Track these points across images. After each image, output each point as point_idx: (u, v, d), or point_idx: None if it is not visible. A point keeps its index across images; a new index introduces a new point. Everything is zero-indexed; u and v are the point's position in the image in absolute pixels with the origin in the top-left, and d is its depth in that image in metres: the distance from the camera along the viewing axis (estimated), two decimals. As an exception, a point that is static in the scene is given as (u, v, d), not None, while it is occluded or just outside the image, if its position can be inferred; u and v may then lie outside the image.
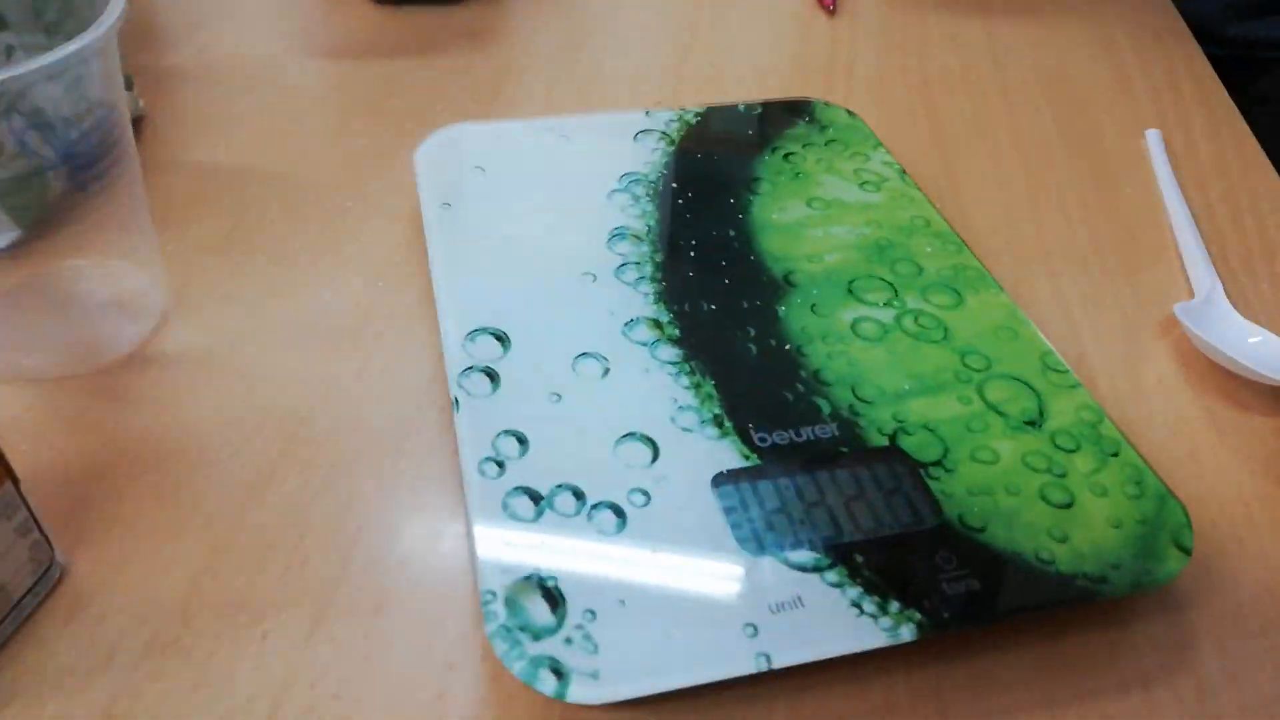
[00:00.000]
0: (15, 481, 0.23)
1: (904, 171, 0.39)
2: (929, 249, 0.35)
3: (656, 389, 0.30)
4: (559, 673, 0.23)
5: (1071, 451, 0.28)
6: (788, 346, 0.31)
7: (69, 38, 0.32)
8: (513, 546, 0.25)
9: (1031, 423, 0.29)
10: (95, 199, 0.31)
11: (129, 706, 0.23)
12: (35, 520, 0.24)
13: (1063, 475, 0.28)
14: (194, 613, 0.25)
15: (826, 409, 0.29)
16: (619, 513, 0.26)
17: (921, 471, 0.28)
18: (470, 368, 0.30)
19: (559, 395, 0.29)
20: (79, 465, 0.29)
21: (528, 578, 0.24)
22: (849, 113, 0.42)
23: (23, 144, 0.29)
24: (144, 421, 0.30)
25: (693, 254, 0.35)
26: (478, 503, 0.26)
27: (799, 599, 0.25)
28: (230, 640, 0.25)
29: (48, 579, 0.25)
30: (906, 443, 0.28)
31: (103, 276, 0.34)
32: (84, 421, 0.30)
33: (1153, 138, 0.45)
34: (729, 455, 0.28)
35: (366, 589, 0.26)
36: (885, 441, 0.28)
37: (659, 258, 0.34)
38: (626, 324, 0.32)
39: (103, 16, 0.28)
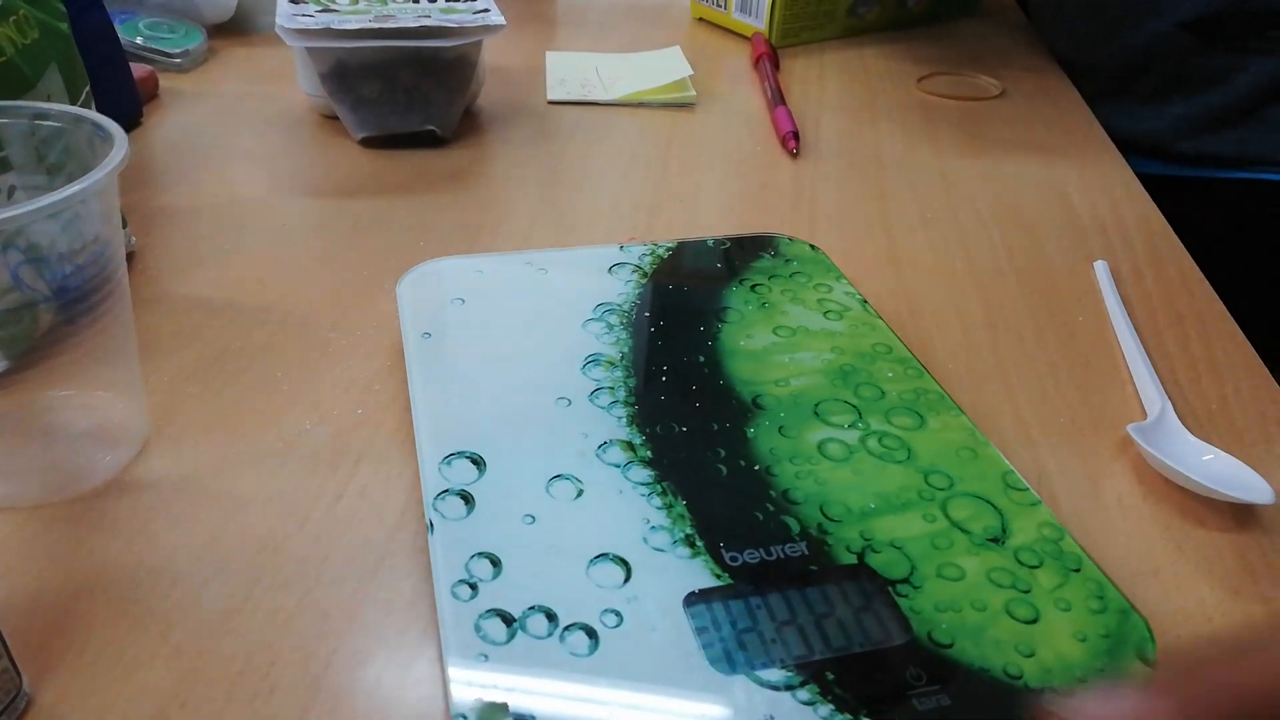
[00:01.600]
0: (-12, 608, 0.24)
1: (865, 301, 0.41)
2: (890, 374, 0.37)
3: (629, 510, 0.30)
4: (530, 798, 0.22)
5: (1035, 568, 0.29)
6: (757, 467, 0.32)
7: (70, 178, 0.33)
8: (485, 672, 0.25)
9: (995, 540, 0.30)
10: (84, 332, 0.32)
11: (88, 843, 0.23)
12: (5, 648, 0.24)
13: (1027, 591, 0.28)
14: (160, 743, 0.25)
15: (796, 528, 0.30)
16: (591, 634, 0.26)
17: (890, 589, 0.28)
18: (446, 491, 0.31)
19: (533, 517, 0.30)
20: (50, 592, 0.29)
21: (500, 704, 0.24)
22: (812, 246, 0.45)
23: (17, 278, 0.30)
24: (118, 549, 0.30)
25: (664, 379, 0.36)
26: (450, 627, 0.26)
27: (771, 718, 0.25)
28: (196, 771, 0.24)
29: (13, 709, 0.25)
30: (874, 560, 0.29)
31: (85, 407, 0.35)
32: (58, 549, 0.30)
33: (1100, 268, 0.47)
34: (701, 575, 0.28)
35: (337, 717, 0.26)
36: (854, 559, 0.29)
37: (632, 383, 0.36)
38: (600, 446, 0.33)
39: (106, 159, 0.29)
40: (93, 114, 0.32)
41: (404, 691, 0.27)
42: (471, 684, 0.25)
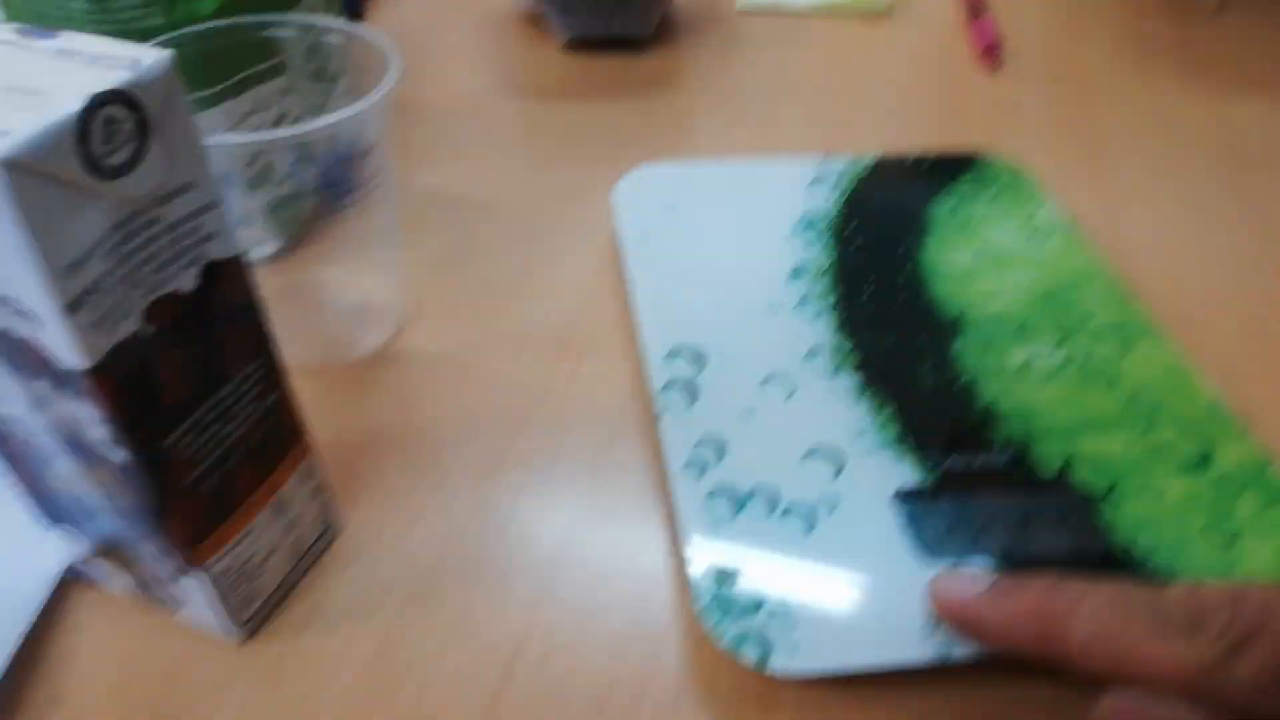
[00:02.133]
0: (312, 451, 0.28)
1: (1070, 222, 0.41)
2: (1096, 297, 0.37)
3: (838, 412, 0.33)
4: (761, 647, 0.26)
5: (1237, 494, 0.30)
6: (962, 379, 0.34)
7: (333, 80, 0.37)
8: (714, 540, 0.29)
9: (1198, 464, 0.31)
10: (351, 219, 0.37)
11: (396, 645, 0.28)
12: (323, 484, 0.29)
13: (1228, 515, 0.29)
14: (444, 571, 0.30)
15: (1000, 438, 0.32)
16: (808, 519, 0.30)
17: (1090, 503, 0.30)
18: (671, 382, 0.34)
19: (751, 411, 0.33)
20: (341, 442, 0.34)
21: (729, 569, 0.28)
22: (1014, 166, 0.45)
23: (292, 171, 0.35)
24: (392, 411, 0.35)
25: (868, 292, 0.38)
26: (682, 500, 0.30)
27: (963, 603, 0.27)
28: (475, 596, 0.29)
29: (329, 534, 0.30)
30: (1076, 475, 0.31)
31: (352, 286, 0.39)
32: (344, 406, 0.35)
33: (1322, 200, 0.46)
34: (908, 473, 0.31)
35: (586, 563, 0.30)
36: (1055, 473, 0.31)
37: (837, 294, 0.38)
38: (809, 352, 0.35)
39: (386, 78, 0.33)
40: (362, 29, 0.36)
41: (640, 551, 0.31)
42: (703, 552, 0.28)
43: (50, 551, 0.29)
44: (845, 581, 0.28)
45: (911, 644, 0.26)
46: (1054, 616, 0.24)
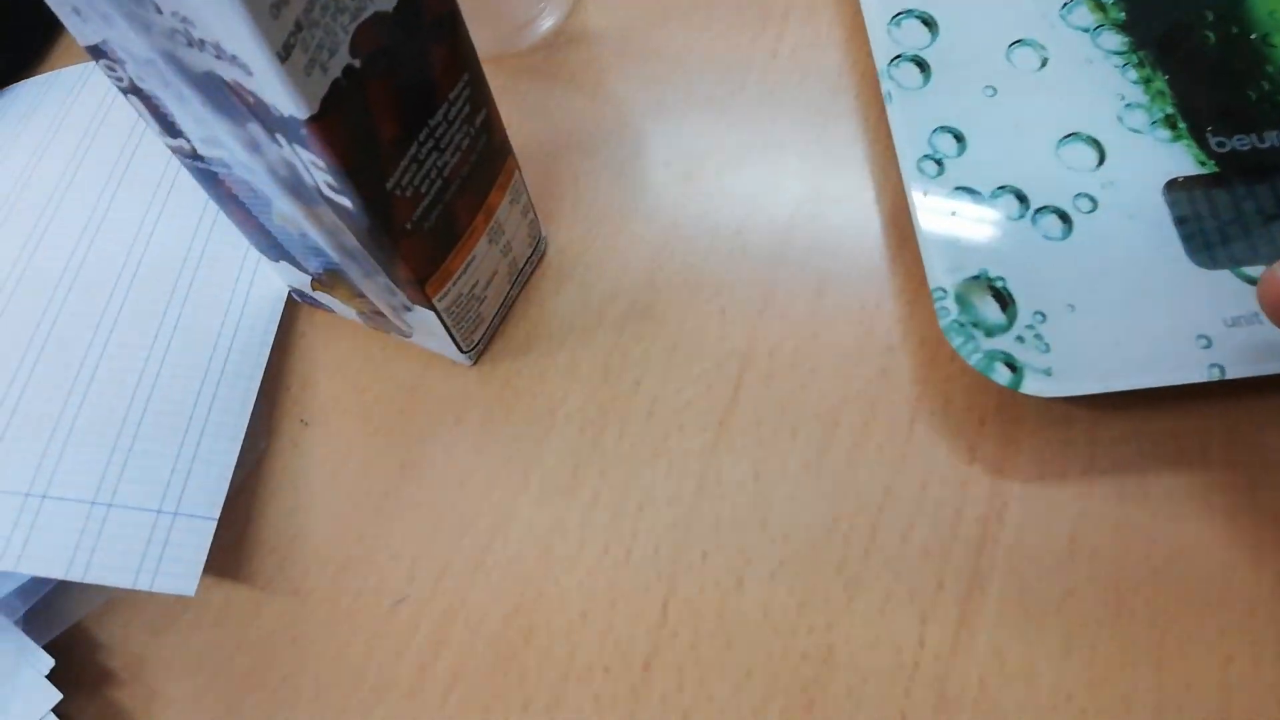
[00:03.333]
0: (518, 167, 0.26)
1: None
2: None
3: (1101, 83, 0.28)
4: (1013, 367, 0.25)
5: None
6: (1253, 36, 0.28)
7: None
8: (959, 246, 0.26)
9: None
10: None
11: (621, 360, 0.28)
12: (530, 201, 0.28)
13: None
14: (659, 286, 0.29)
15: (1297, 112, 0.27)
16: (1064, 218, 0.26)
17: (1406, 187, 0.26)
18: (899, 56, 0.29)
19: (994, 89, 0.29)
20: (535, 148, 0.32)
21: (976, 277, 0.26)
22: None
23: None
24: (581, 103, 0.32)
25: (1135, -81, 0.31)
26: (920, 201, 0.27)
27: (1257, 315, 0.25)
28: (694, 311, 0.28)
29: (539, 251, 0.29)
30: (1391, 154, 0.26)
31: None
32: (530, 105, 0.33)
33: None
34: (1182, 160, 0.27)
35: (806, 272, 0.29)
36: (1367, 152, 0.26)
37: (1097, -75, 0.31)
38: (1064, 6, 0.30)
39: None
40: None
41: (866, 256, 0.29)
42: (948, 258, 0.26)
43: (277, 279, 0.29)
44: (1106, 291, 0.25)
45: (1182, 361, 0.24)
46: None
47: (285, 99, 0.18)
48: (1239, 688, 0.22)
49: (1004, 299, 0.25)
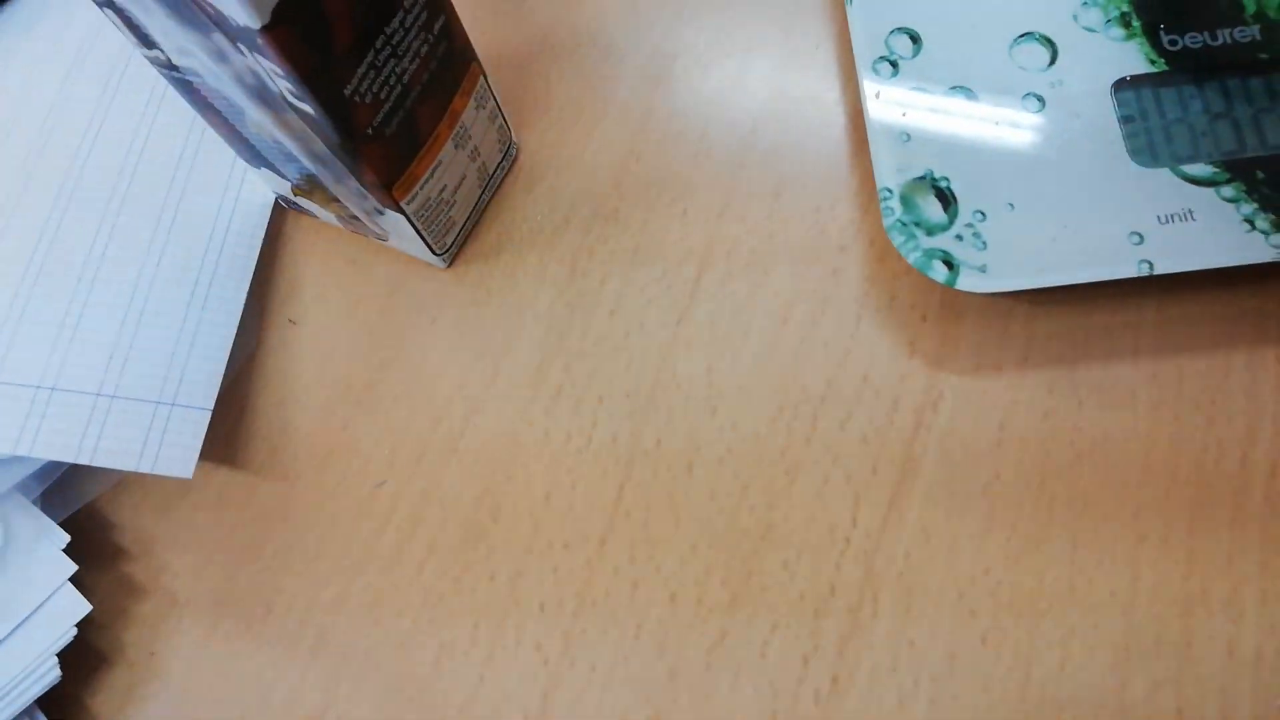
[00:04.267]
0: (484, 74, 0.27)
1: None
2: None
3: (1058, -17, 0.28)
4: (949, 264, 0.26)
5: None
6: (1215, -68, 0.28)
7: None
8: (907, 147, 0.27)
9: None
10: None
11: (587, 261, 0.29)
12: (498, 107, 0.29)
13: None
14: (625, 189, 0.30)
15: (1251, 7, 0.27)
16: (1012, 116, 0.27)
17: (1352, 84, 0.26)
18: (860, -42, 0.30)
19: (952, -11, 0.29)
20: (506, 56, 0.32)
21: (921, 177, 0.27)
22: None
23: None
24: (551, 6, 0.33)
25: None
26: (873, 103, 0.28)
27: (1189, 212, 0.25)
28: (657, 213, 0.29)
29: (509, 156, 0.30)
30: (1341, 51, 0.26)
31: None
32: (500, 13, 0.33)
33: None
34: (1134, 59, 0.27)
35: (766, 174, 0.30)
36: (1316, 49, 0.26)
37: None
38: (1028, -96, 0.30)
39: None
40: None
41: (823, 159, 0.30)
42: (894, 160, 0.27)
43: (263, 186, 0.31)
44: (1046, 190, 0.26)
45: (1114, 257, 0.25)
46: None
47: (238, 9, 0.19)
48: (1148, 563, 0.24)
49: (946, 199, 0.26)
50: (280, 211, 0.32)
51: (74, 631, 0.27)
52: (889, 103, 0.28)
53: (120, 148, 0.31)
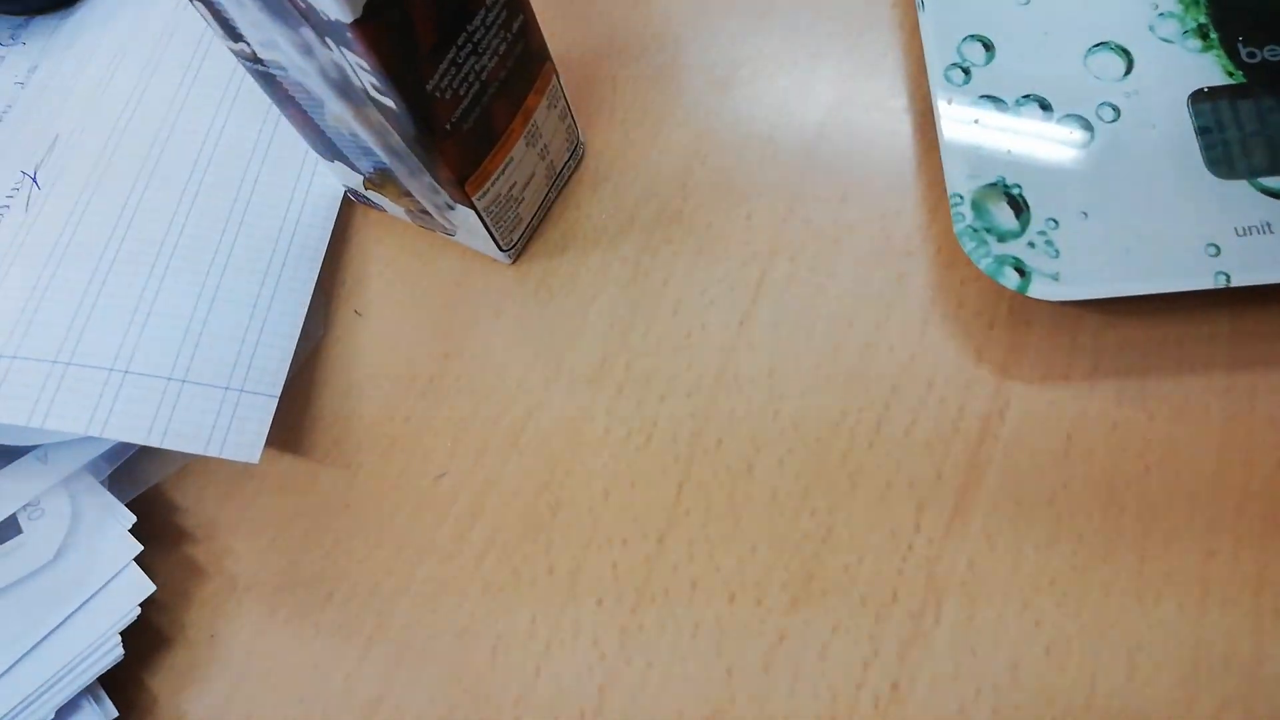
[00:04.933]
0: (556, 73, 0.28)
1: None
2: None
3: (1134, -7, 0.28)
4: (1021, 271, 0.25)
5: None
6: (1298, -56, 0.28)
7: None
8: (980, 153, 0.27)
9: None
10: None
11: (650, 261, 0.29)
12: (568, 106, 0.29)
13: None
14: (690, 190, 0.30)
15: (1334, 22, 0.27)
16: (1086, 126, 0.27)
17: None
18: (933, -35, 0.30)
19: (1026, -2, 0.29)
20: (575, 55, 0.33)
21: (993, 184, 0.27)
22: None
23: None
24: (621, 8, 0.33)
25: None
26: (945, 110, 0.28)
27: (1268, 225, 0.25)
28: (721, 216, 0.30)
29: (576, 155, 0.31)
30: None
31: None
32: (570, 11, 0.34)
33: None
34: (1211, 70, 0.27)
35: (831, 179, 0.30)
36: (1402, 63, 0.26)
37: None
38: (1104, -86, 0.29)
39: None
40: None
41: (891, 163, 0.29)
42: (966, 165, 0.27)
43: (333, 178, 0.31)
44: (1121, 199, 0.26)
45: (1189, 268, 0.25)
46: None
47: (331, 3, 0.20)
48: (1217, 580, 0.24)
49: (1019, 205, 0.26)
50: (348, 205, 0.32)
51: (138, 611, 0.27)
52: (961, 109, 0.28)
53: (196, 138, 0.32)
